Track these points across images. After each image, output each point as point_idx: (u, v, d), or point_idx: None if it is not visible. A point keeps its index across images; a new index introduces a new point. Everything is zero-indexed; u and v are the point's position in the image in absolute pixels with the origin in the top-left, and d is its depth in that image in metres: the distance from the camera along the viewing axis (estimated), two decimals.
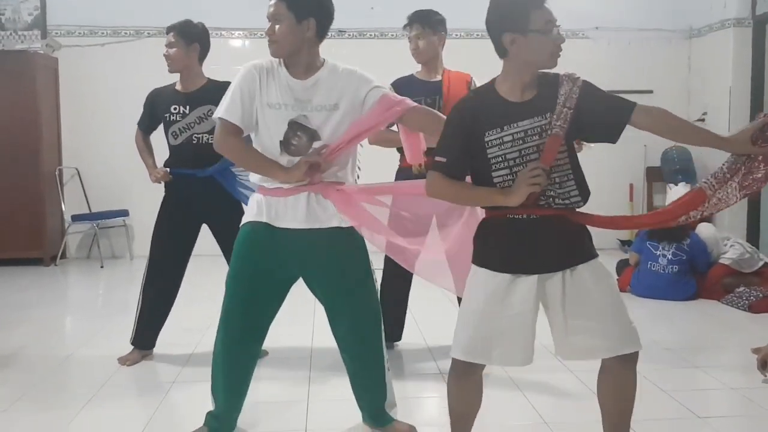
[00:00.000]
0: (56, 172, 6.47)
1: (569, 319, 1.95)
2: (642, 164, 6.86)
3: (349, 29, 6.63)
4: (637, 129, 1.96)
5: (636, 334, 1.97)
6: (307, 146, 2.30)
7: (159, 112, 3.38)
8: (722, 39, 6.41)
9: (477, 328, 1.98)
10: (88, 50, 6.55)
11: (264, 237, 2.34)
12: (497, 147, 1.92)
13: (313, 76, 2.32)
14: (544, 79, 1.97)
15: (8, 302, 4.85)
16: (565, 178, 1.94)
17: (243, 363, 2.47)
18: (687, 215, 1.96)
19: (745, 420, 2.77)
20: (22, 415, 2.81)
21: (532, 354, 2.00)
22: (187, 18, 3.40)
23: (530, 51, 1.90)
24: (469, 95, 2.09)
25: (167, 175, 3.35)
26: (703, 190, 1.94)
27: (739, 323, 4.22)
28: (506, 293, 1.95)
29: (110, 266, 6.32)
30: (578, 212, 1.99)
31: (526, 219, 1.94)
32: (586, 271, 1.96)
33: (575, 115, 1.90)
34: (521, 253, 1.95)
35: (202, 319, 4.03)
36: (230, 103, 2.29)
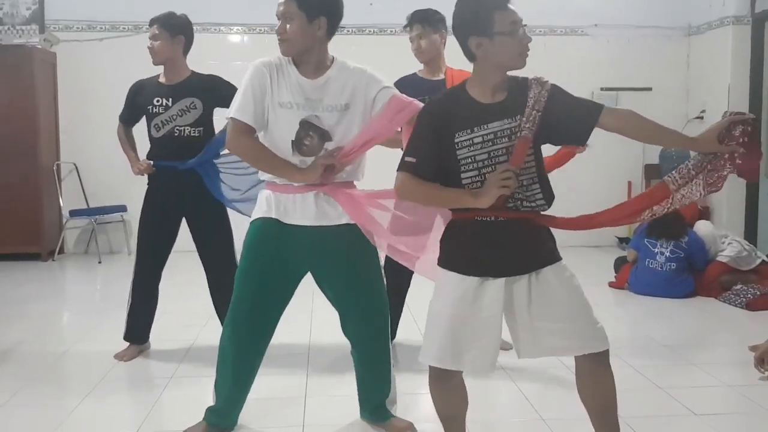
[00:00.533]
0: (54, 167, 6.46)
1: (536, 321, 1.96)
2: (640, 162, 6.85)
3: (348, 25, 6.59)
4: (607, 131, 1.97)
5: (603, 332, 1.98)
6: (319, 146, 2.29)
7: (141, 104, 3.36)
8: (721, 36, 6.41)
9: (447, 333, 1.97)
10: (86, 45, 6.54)
11: (274, 233, 2.35)
12: (467, 148, 1.93)
13: (323, 75, 2.32)
14: (514, 82, 1.98)
15: (6, 297, 4.85)
16: (531, 181, 1.95)
17: (251, 357, 2.48)
18: (651, 210, 1.97)
19: (742, 417, 2.78)
20: (20, 410, 2.81)
21: (496, 359, 2.00)
22: (182, 12, 3.39)
23: (497, 53, 1.91)
24: (439, 96, 2.09)
25: (150, 168, 3.34)
26: (666, 184, 1.96)
27: (736, 321, 4.23)
28: (475, 297, 1.95)
29: (108, 261, 6.32)
30: (543, 215, 2.00)
31: (494, 221, 1.94)
32: (552, 273, 1.97)
33: (544, 117, 1.91)
34: (489, 255, 1.95)
35: (199, 315, 4.03)
36: (242, 102, 2.27)
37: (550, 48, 6.34)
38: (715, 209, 6.29)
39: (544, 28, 6.47)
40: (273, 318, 2.46)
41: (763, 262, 4.87)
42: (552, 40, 6.47)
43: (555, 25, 6.54)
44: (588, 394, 2.06)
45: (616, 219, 2.12)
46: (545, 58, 5.21)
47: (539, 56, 2.45)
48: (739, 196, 6.24)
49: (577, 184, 6.19)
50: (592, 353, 1.97)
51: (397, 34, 6.76)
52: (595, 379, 2.02)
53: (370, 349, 2.52)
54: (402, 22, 3.42)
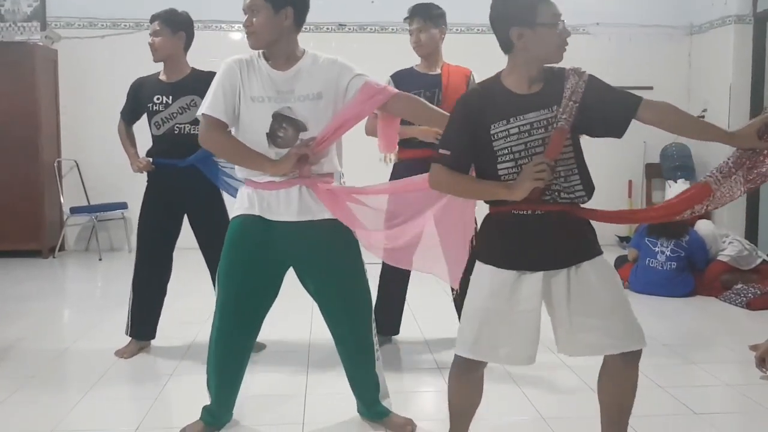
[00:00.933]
0: (55, 164, 6.46)
1: (574, 317, 1.94)
2: (641, 160, 6.86)
3: (350, 23, 6.62)
4: (640, 124, 1.95)
5: (640, 331, 1.96)
6: (294, 137, 2.29)
7: (142, 101, 3.36)
8: (723, 36, 6.40)
9: (483, 325, 1.96)
10: (87, 42, 6.54)
11: (256, 230, 2.34)
12: (503, 139, 1.91)
13: (294, 66, 2.32)
14: (550, 73, 1.96)
15: (6, 294, 4.85)
16: (570, 173, 1.93)
17: (235, 357, 2.47)
18: (692, 209, 1.96)
19: (742, 417, 2.78)
20: (20, 407, 2.81)
21: (536, 353, 1.99)
22: (183, 9, 3.38)
23: (538, 44, 1.90)
24: (474, 88, 2.07)
25: (149, 165, 3.34)
26: (708, 184, 1.94)
27: (736, 320, 4.22)
28: (512, 290, 1.94)
29: (108, 259, 6.32)
30: (582, 208, 1.98)
31: (531, 215, 1.92)
32: (591, 268, 1.94)
33: (581, 108, 1.89)
34: (526, 249, 1.94)
35: (199, 312, 4.02)
36: (213, 99, 2.28)
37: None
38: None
39: None
40: (259, 315, 2.46)
41: (764, 262, 4.87)
42: None
43: None
44: (609, 393, 2.05)
45: (657, 216, 2.12)
46: None
47: None
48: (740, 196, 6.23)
49: None
50: (625, 352, 1.95)
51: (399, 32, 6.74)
52: (622, 379, 2.01)
53: (352, 344, 2.51)
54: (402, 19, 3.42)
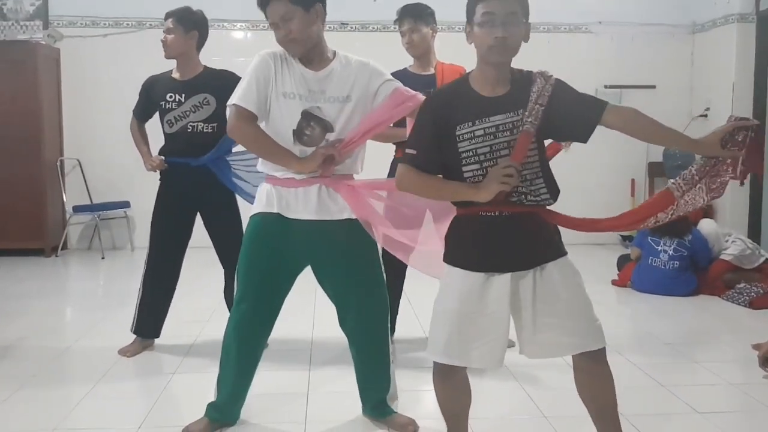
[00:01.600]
0: (58, 163, 6.47)
1: (538, 317, 1.95)
2: (644, 159, 6.84)
3: (352, 22, 6.61)
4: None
5: (601, 330, 1.97)
6: (320, 137, 2.30)
7: (155, 99, 3.35)
8: (726, 34, 6.38)
9: (454, 329, 1.96)
10: (89, 41, 6.54)
11: (275, 227, 2.35)
12: (468, 141, 1.91)
13: (326, 67, 2.33)
14: (518, 76, 1.96)
15: (9, 293, 4.85)
16: (534, 176, 1.93)
17: (254, 352, 2.50)
18: (655, 217, 1.96)
19: (745, 416, 2.78)
20: (23, 406, 2.82)
21: (504, 354, 1.99)
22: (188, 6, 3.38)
23: (478, 44, 1.91)
24: (442, 88, 2.08)
25: (163, 164, 3.34)
26: (670, 191, 1.94)
27: (739, 319, 4.22)
28: (481, 292, 1.94)
29: (111, 257, 6.32)
30: (548, 210, 1.99)
31: (498, 216, 1.93)
32: (555, 269, 1.96)
33: (546, 112, 1.89)
34: (495, 251, 1.94)
35: (202, 311, 4.04)
36: (246, 90, 2.28)
37: (554, 45, 6.34)
38: (719, 207, 6.27)
39: (548, 26, 6.47)
40: (275, 312, 2.48)
41: (767, 261, 4.86)
42: (556, 38, 6.47)
43: (559, 22, 6.53)
44: (587, 393, 2.05)
45: (620, 225, 2.10)
46: (549, 56, 5.20)
47: (543, 53, 2.45)
48: (743, 195, 6.23)
49: (581, 182, 6.19)
50: (589, 351, 1.96)
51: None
52: (593, 378, 2.01)
53: (368, 345, 2.53)
54: None
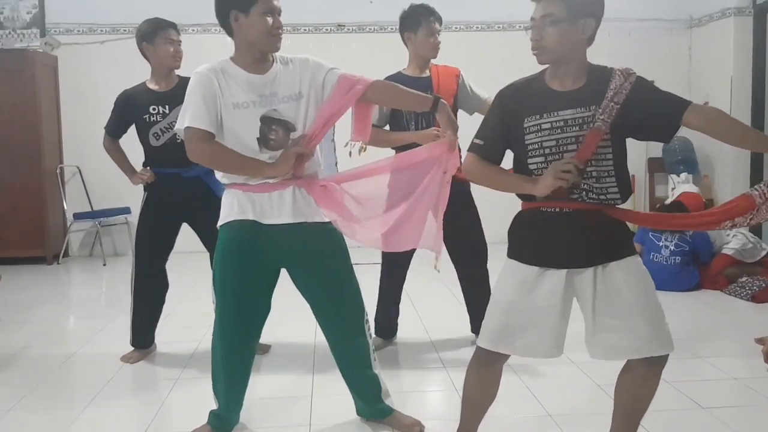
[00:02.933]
0: (57, 170, 6.48)
1: (597, 317, 1.93)
2: (644, 155, 6.84)
3: (349, 23, 6.61)
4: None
5: (668, 336, 1.95)
6: (285, 138, 2.29)
7: (134, 114, 3.32)
8: (723, 28, 6.38)
9: (502, 317, 1.98)
10: (87, 48, 6.55)
11: (250, 235, 2.32)
12: (535, 134, 1.91)
13: (270, 70, 2.31)
14: (595, 72, 1.94)
15: (11, 301, 4.85)
16: (605, 174, 1.90)
17: (242, 360, 2.48)
18: (732, 221, 1.90)
19: (749, 410, 2.77)
20: (26, 414, 2.82)
21: (560, 347, 1.99)
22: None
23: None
24: (515, 81, 2.05)
25: (152, 176, 3.32)
26: (752, 197, 1.87)
27: (742, 313, 4.22)
28: (534, 285, 1.95)
29: (112, 264, 6.33)
30: (616, 208, 1.95)
31: (559, 212, 1.92)
32: (619, 268, 1.93)
33: (623, 111, 1.86)
34: (551, 246, 1.94)
35: (203, 317, 4.01)
36: (194, 110, 2.21)
37: None
38: (720, 202, 6.27)
39: None
40: (260, 319, 2.46)
41: None
42: None
43: None
44: (626, 393, 2.04)
45: (696, 224, 2.07)
46: None
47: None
48: (744, 189, 6.22)
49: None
50: (649, 357, 1.94)
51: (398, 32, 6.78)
52: (642, 383, 2.00)
53: (348, 347, 2.52)
54: None
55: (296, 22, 6.41)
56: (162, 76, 3.34)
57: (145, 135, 3.32)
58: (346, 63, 2.44)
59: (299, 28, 6.48)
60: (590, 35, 1.93)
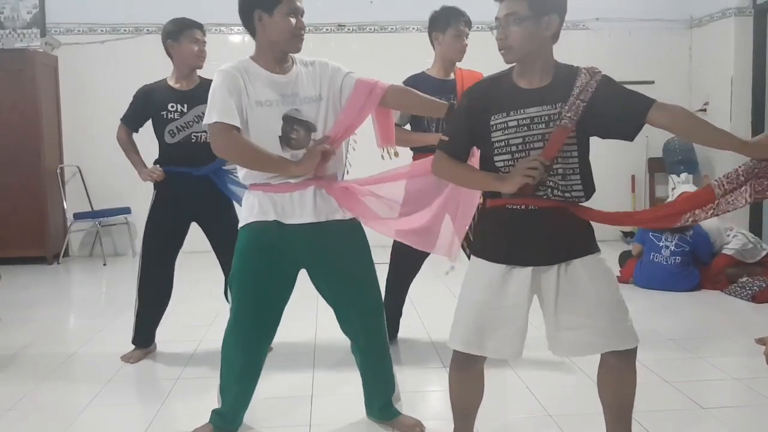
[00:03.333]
0: (57, 170, 6.48)
1: (560, 314, 1.95)
2: (644, 155, 6.84)
3: (349, 23, 6.61)
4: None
5: (632, 330, 1.96)
6: (307, 138, 2.30)
7: (153, 109, 3.33)
8: (723, 28, 6.39)
9: (472, 318, 1.98)
10: (87, 48, 6.55)
11: (271, 236, 2.33)
12: (501, 131, 1.92)
13: (292, 70, 2.33)
14: (562, 70, 1.94)
15: (12, 301, 4.85)
16: (570, 171, 1.91)
17: (256, 361, 2.49)
18: (692, 213, 1.90)
19: (749, 410, 2.77)
20: (27, 413, 2.82)
21: (522, 347, 1.99)
22: (183, 13, 3.37)
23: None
24: (482, 79, 2.07)
25: (162, 174, 3.32)
26: (711, 188, 1.88)
27: (742, 313, 4.22)
28: (501, 284, 1.95)
29: (113, 264, 6.33)
30: (578, 206, 1.96)
31: (524, 210, 1.93)
32: (582, 265, 1.94)
33: (589, 109, 1.87)
34: (516, 244, 1.95)
35: (204, 316, 4.04)
36: (222, 105, 2.22)
37: None
38: None
39: None
40: (276, 320, 2.47)
41: None
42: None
43: None
44: (608, 391, 2.05)
45: (655, 218, 2.08)
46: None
47: None
48: None
49: None
50: (618, 351, 1.95)
51: (398, 32, 6.75)
52: (618, 377, 2.01)
53: (369, 346, 2.53)
54: (402, 19, 3.42)
55: None
56: (183, 75, 3.35)
57: (161, 131, 3.33)
58: (347, 63, 2.44)
59: None
60: (555, 32, 1.94)
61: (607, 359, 2.00)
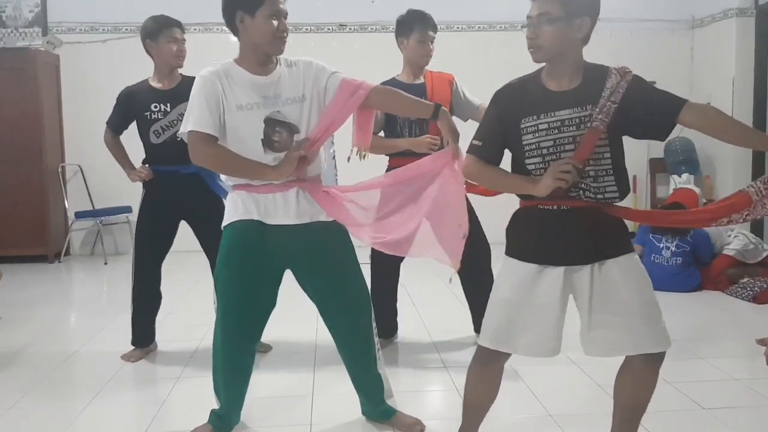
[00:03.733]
0: (59, 169, 6.48)
1: (594, 314, 1.94)
2: (645, 156, 6.84)
3: (350, 23, 6.61)
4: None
5: (665, 333, 1.95)
6: (289, 140, 2.29)
7: (135, 111, 3.32)
8: (725, 29, 6.38)
9: (503, 316, 1.98)
10: (88, 47, 6.55)
11: (254, 236, 2.33)
12: (532, 134, 1.91)
13: (274, 71, 2.31)
14: (592, 71, 1.93)
15: (13, 300, 4.86)
16: (603, 173, 1.90)
17: (243, 361, 2.48)
18: (728, 217, 1.89)
19: (750, 411, 2.77)
20: (28, 412, 2.82)
21: (558, 346, 1.99)
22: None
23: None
24: (511, 82, 2.05)
25: (151, 174, 3.32)
26: (749, 194, 1.87)
27: (743, 314, 4.21)
28: (533, 283, 1.95)
29: (114, 262, 6.34)
30: (613, 205, 1.95)
31: (557, 210, 1.93)
32: (616, 266, 1.93)
33: (620, 110, 1.86)
34: (549, 244, 1.94)
35: (204, 315, 4.02)
36: (198, 114, 2.23)
37: None
38: None
39: None
40: (262, 320, 2.46)
41: None
42: None
43: None
44: (625, 392, 2.04)
45: (694, 221, 2.07)
46: None
47: None
48: None
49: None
50: (646, 353, 1.94)
51: None
52: (640, 379, 2.00)
53: (354, 346, 2.52)
54: None
55: (298, 22, 6.41)
56: (164, 74, 3.33)
57: (146, 132, 3.32)
58: (348, 63, 2.45)
59: (301, 27, 6.48)
60: (586, 35, 1.93)
61: (631, 360, 1.99)
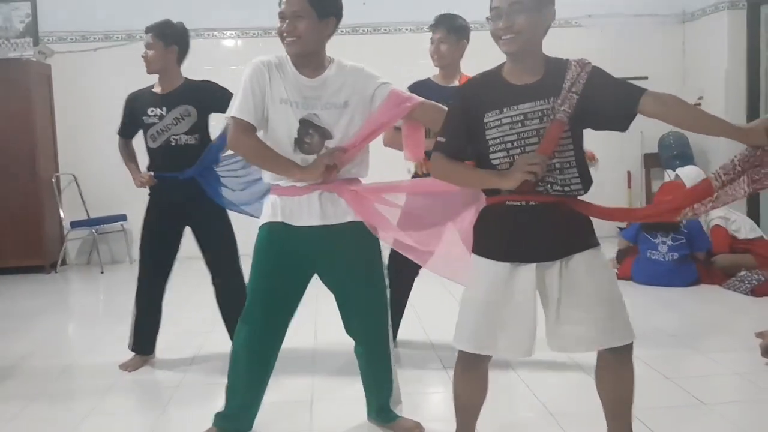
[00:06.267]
0: (53, 179, 6.46)
1: (561, 309, 1.94)
2: (639, 151, 6.85)
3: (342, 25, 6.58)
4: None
5: (628, 326, 1.95)
6: (320, 145, 2.30)
7: (137, 115, 3.33)
8: (716, 22, 6.39)
9: (480, 318, 1.97)
10: (80, 56, 6.53)
11: (281, 237, 2.35)
12: (495, 129, 1.91)
13: (321, 75, 2.32)
14: (552, 64, 1.94)
15: (10, 311, 4.84)
16: (567, 165, 1.91)
17: (265, 361, 2.48)
18: (692, 208, 1.89)
19: (751, 405, 2.77)
20: (30, 424, 2.81)
21: (533, 344, 1.98)
22: (170, 19, 3.36)
23: (494, 39, 1.94)
24: (473, 77, 2.06)
25: (152, 179, 3.32)
26: (709, 181, 1.87)
27: (741, 307, 4.22)
28: (507, 282, 1.94)
29: (110, 271, 6.32)
30: (578, 200, 1.96)
31: (525, 206, 1.92)
32: (582, 260, 1.94)
33: (581, 101, 1.86)
34: (520, 241, 1.94)
35: (203, 323, 4.02)
36: (242, 101, 2.26)
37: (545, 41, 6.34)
38: None
39: None
40: (286, 320, 2.47)
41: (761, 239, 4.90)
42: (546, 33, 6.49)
43: None
44: (606, 388, 2.05)
45: (656, 214, 2.07)
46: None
47: None
48: None
49: None
50: (614, 347, 1.94)
51: (392, 33, 6.77)
52: (615, 373, 2.00)
53: (371, 347, 2.53)
54: (395, 20, 3.41)
55: None
56: (162, 79, 3.34)
57: (145, 137, 3.33)
58: None
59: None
60: (548, 26, 1.95)
61: (603, 356, 2.00)
